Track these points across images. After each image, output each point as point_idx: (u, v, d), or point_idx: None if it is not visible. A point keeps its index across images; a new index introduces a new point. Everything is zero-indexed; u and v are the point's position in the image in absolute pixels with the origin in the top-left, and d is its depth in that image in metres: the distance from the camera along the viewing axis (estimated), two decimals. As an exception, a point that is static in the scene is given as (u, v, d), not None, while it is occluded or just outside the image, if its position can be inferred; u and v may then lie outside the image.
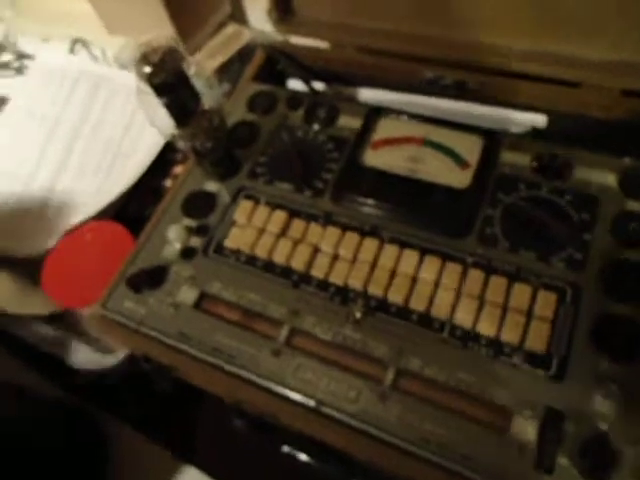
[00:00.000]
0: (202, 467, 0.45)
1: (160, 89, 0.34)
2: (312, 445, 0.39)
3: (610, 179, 0.38)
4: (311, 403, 0.34)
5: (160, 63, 0.33)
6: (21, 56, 0.76)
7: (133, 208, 0.59)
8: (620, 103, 0.42)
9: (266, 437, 0.38)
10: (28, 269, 0.54)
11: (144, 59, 0.33)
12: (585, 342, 0.32)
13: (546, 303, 0.33)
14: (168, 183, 0.61)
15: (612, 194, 0.37)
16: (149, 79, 0.34)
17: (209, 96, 0.39)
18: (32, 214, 0.58)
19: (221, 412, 0.44)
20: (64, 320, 0.53)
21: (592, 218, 0.36)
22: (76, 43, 0.73)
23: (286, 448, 0.39)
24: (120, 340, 0.41)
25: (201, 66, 0.38)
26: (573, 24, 0.42)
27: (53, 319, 0.53)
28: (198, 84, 0.38)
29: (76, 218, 0.56)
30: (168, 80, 0.34)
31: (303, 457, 0.38)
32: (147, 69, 0.33)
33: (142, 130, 0.62)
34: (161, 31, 0.63)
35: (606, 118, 0.43)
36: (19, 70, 0.74)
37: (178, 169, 0.61)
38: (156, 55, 0.34)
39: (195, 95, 0.37)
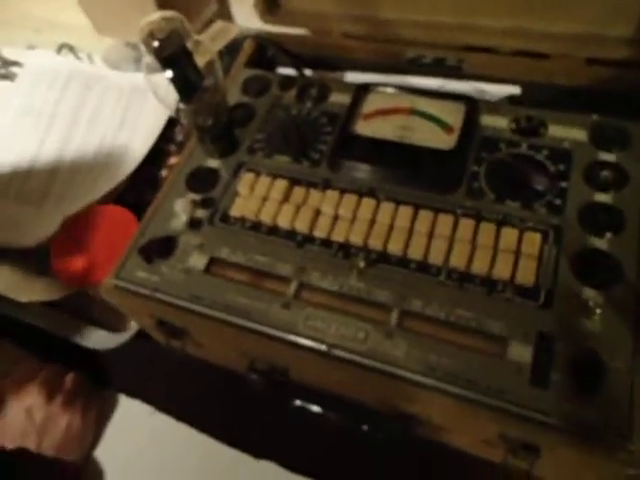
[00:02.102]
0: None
1: (166, 62, 0.37)
2: (321, 397, 0.41)
3: (581, 134, 0.42)
4: (322, 347, 0.36)
5: (167, 38, 0.36)
6: (7, 63, 0.77)
7: (130, 197, 0.61)
8: (585, 71, 0.47)
9: (279, 391, 0.40)
10: (31, 258, 0.56)
11: (151, 35, 0.36)
12: (568, 273, 0.36)
13: (532, 242, 0.37)
14: (164, 173, 0.63)
15: (584, 147, 0.41)
16: (157, 53, 0.36)
17: (211, 75, 0.42)
18: (31, 206, 0.60)
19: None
20: (70, 305, 0.55)
21: (567, 169, 0.40)
22: (62, 48, 0.75)
23: (298, 402, 0.41)
24: (134, 308, 0.43)
25: (204, 47, 0.40)
26: (541, 2, 0.46)
27: (60, 305, 0.54)
28: (201, 63, 0.41)
29: (74, 208, 0.57)
30: (174, 54, 0.37)
31: (314, 409, 0.40)
32: (155, 43, 0.36)
33: (136, 124, 0.64)
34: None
35: (573, 84, 0.47)
36: (7, 77, 0.75)
37: (173, 160, 0.64)
38: (163, 32, 0.36)
39: (198, 71, 0.40)
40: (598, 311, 0.34)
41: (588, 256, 0.36)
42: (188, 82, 0.39)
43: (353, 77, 0.55)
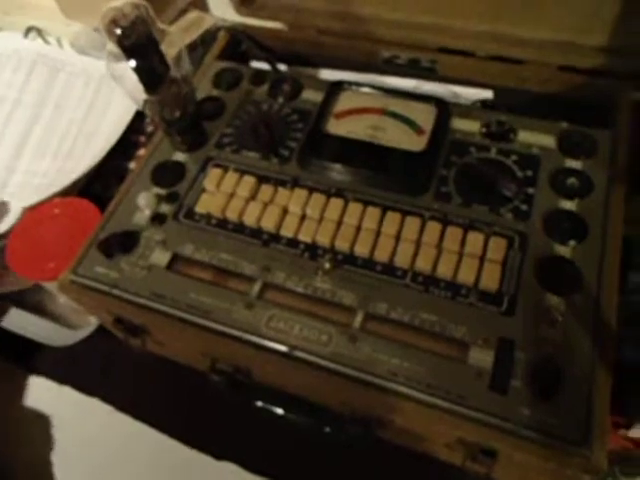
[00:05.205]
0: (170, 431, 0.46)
1: (130, 51, 0.35)
2: (284, 398, 0.40)
3: (550, 141, 0.42)
4: (284, 349, 0.36)
5: (131, 26, 0.35)
6: (-29, 45, 0.73)
7: (97, 189, 0.59)
8: (557, 78, 0.47)
9: (241, 392, 0.40)
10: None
11: (114, 22, 0.35)
12: (531, 280, 0.36)
13: (497, 248, 0.37)
14: (132, 165, 0.61)
15: (552, 154, 0.41)
16: (119, 41, 0.35)
17: (178, 67, 0.41)
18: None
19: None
20: (28, 299, 0.53)
21: (535, 175, 0.40)
22: (30, 31, 0.72)
23: (260, 403, 0.40)
24: (91, 304, 0.41)
25: (173, 37, 0.39)
26: (518, 8, 0.46)
27: (17, 300, 0.52)
28: (169, 54, 0.39)
29: (36, 198, 0.55)
30: (138, 42, 0.35)
31: (277, 410, 0.40)
32: (118, 31, 0.34)
33: (104, 113, 0.62)
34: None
35: (545, 91, 0.47)
36: (-30, 59, 0.72)
37: (142, 151, 0.62)
38: (126, 19, 0.35)
39: (164, 62, 0.39)
40: (559, 318, 0.34)
41: (551, 263, 0.36)
42: (153, 73, 0.38)
43: (327, 74, 0.54)
